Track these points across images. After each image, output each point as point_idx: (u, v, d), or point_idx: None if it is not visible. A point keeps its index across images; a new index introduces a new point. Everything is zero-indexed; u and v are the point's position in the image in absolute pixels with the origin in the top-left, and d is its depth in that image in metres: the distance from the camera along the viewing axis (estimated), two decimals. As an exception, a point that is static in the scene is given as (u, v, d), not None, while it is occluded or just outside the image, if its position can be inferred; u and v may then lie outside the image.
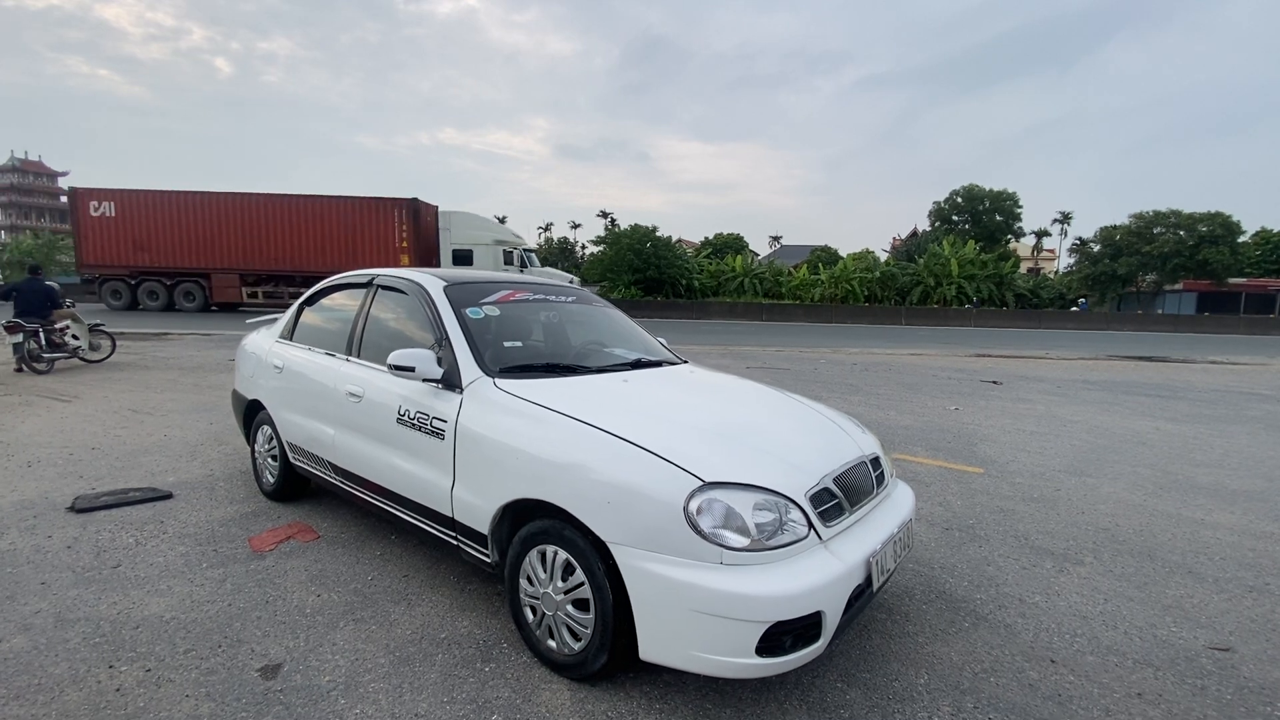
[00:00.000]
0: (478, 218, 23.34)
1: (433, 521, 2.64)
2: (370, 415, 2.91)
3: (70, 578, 2.85)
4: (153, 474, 4.35)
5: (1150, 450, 5.84)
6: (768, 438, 2.38)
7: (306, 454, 3.42)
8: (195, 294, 22.15)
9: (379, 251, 21.56)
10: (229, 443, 5.22)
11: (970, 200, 50.00)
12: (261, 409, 3.87)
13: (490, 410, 2.44)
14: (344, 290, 3.63)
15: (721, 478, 1.95)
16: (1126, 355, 16.22)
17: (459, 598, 2.78)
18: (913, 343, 18.53)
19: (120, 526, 3.44)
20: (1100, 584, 3.09)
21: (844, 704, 2.13)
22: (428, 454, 2.60)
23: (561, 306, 3.47)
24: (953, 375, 11.08)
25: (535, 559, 2.25)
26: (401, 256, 21.63)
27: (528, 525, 2.27)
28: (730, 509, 1.91)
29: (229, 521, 3.56)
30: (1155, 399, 9.00)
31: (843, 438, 2.58)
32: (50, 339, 8.53)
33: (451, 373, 2.62)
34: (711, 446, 2.15)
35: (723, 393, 2.96)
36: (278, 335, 3.89)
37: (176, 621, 2.52)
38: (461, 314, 2.86)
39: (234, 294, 22.13)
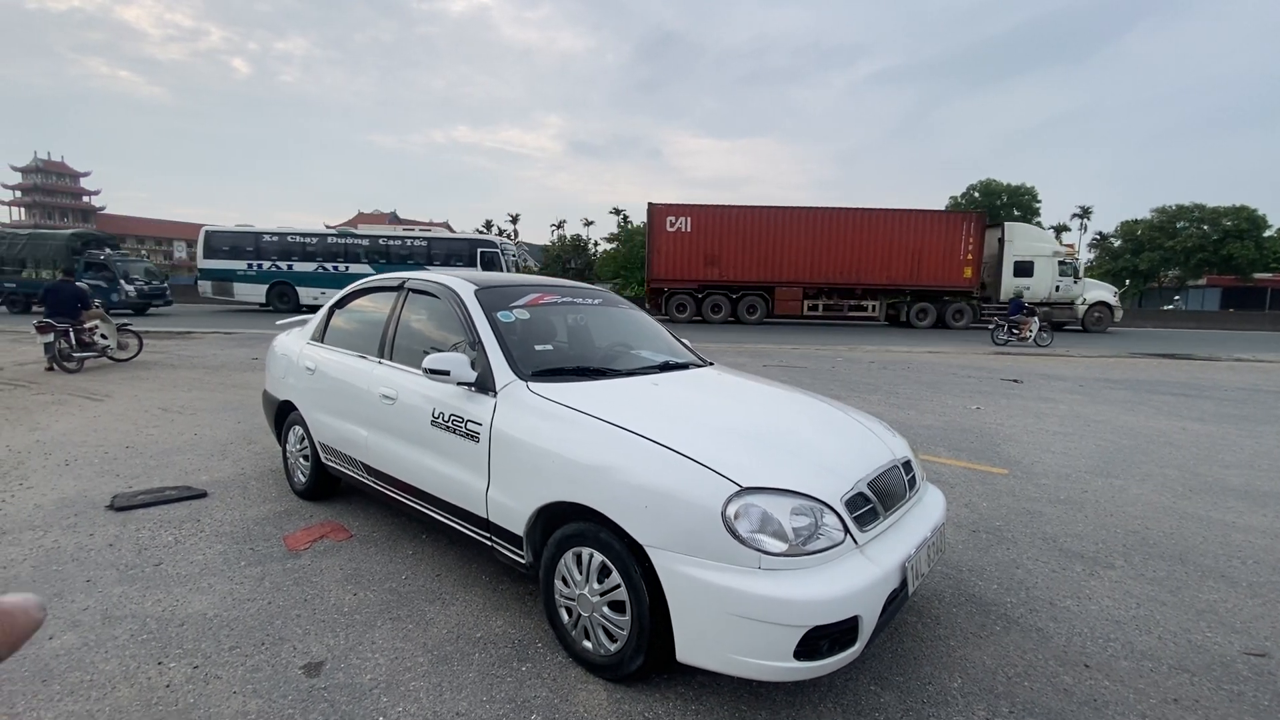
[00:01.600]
0: (1035, 230, 23.44)
1: (467, 522, 2.68)
2: (404, 417, 2.96)
3: (114, 575, 2.93)
4: (186, 473, 4.44)
5: (1178, 451, 5.77)
6: (800, 442, 2.40)
7: (339, 454, 3.48)
8: (758, 307, 22.38)
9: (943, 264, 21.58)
10: (258, 442, 5.31)
11: (988, 195, 49.48)
12: (293, 410, 3.93)
13: (524, 413, 2.47)
14: (374, 293, 3.68)
15: (758, 483, 1.97)
16: (1149, 353, 15.97)
17: (492, 597, 2.83)
18: (929, 340, 18.38)
19: (159, 525, 3.52)
20: (1132, 588, 3.07)
21: (878, 707, 2.14)
22: (462, 456, 2.64)
23: (587, 309, 3.50)
24: (972, 374, 10.99)
25: (570, 561, 2.28)
26: (965, 269, 21.66)
27: (563, 528, 2.30)
28: (767, 514, 1.92)
29: (263, 520, 3.63)
30: (1181, 398, 8.86)
31: (874, 441, 2.59)
32: (80, 338, 8.72)
33: (485, 376, 2.66)
34: (746, 451, 2.17)
35: (752, 395, 2.97)
36: (309, 337, 3.95)
37: (220, 619, 2.58)
38: (493, 317, 2.89)
39: (795, 307, 22.33)
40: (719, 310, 22.35)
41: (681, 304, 22.41)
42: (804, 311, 22.30)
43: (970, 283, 21.88)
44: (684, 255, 21.93)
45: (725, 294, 22.25)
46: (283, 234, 22.27)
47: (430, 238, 22.85)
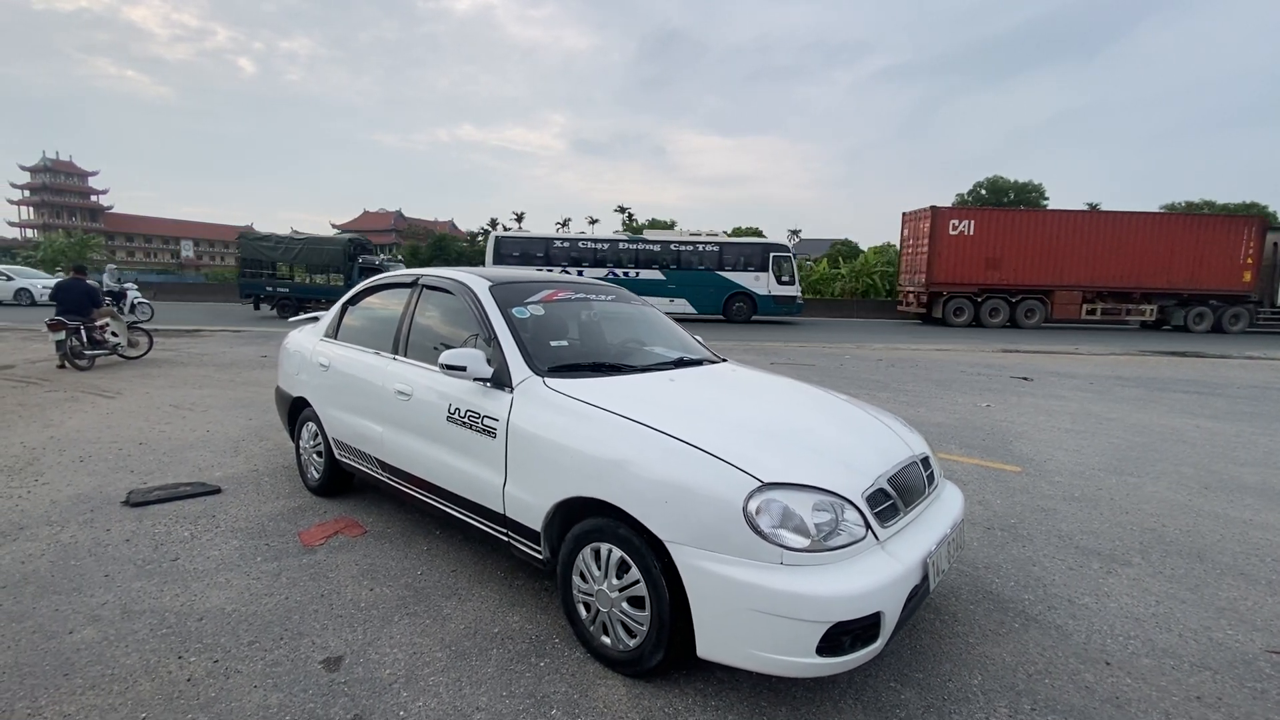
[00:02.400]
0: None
1: (483, 518, 2.68)
2: (420, 413, 2.96)
3: (132, 570, 2.95)
4: (200, 469, 4.46)
5: (1192, 449, 5.73)
6: (819, 438, 2.39)
7: (353, 450, 3.48)
8: (1036, 310, 22.30)
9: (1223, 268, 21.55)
10: (269, 438, 5.33)
11: (994, 192, 49.22)
12: (306, 406, 3.94)
13: (542, 409, 2.47)
14: (388, 290, 3.68)
15: (779, 478, 1.96)
16: (1159, 350, 15.85)
17: (507, 593, 2.83)
18: (937, 337, 18.30)
19: (175, 520, 3.54)
20: (1150, 585, 3.05)
21: (899, 704, 2.13)
22: (479, 452, 2.64)
23: (601, 305, 3.50)
24: (982, 371, 10.94)
25: (589, 556, 2.28)
26: (1244, 273, 21.58)
27: (581, 523, 2.30)
28: (789, 509, 1.92)
29: (277, 516, 3.64)
30: (1193, 395, 8.80)
31: (892, 438, 2.57)
32: (91, 336, 8.76)
33: (501, 372, 2.66)
34: (766, 447, 2.16)
35: (768, 392, 2.96)
36: (322, 334, 3.96)
37: (238, 614, 2.59)
38: (508, 314, 2.89)
39: (1073, 311, 22.27)
40: (997, 314, 22.31)
41: (959, 308, 22.39)
42: (1082, 315, 22.24)
43: (1248, 286, 21.72)
44: (964, 258, 21.99)
45: (1004, 297, 22.27)
46: (574, 239, 22.45)
47: (722, 242, 22.63)
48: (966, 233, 21.88)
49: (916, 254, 23.04)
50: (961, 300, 22.28)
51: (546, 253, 22.01)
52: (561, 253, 22.04)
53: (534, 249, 22.20)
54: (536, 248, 22.19)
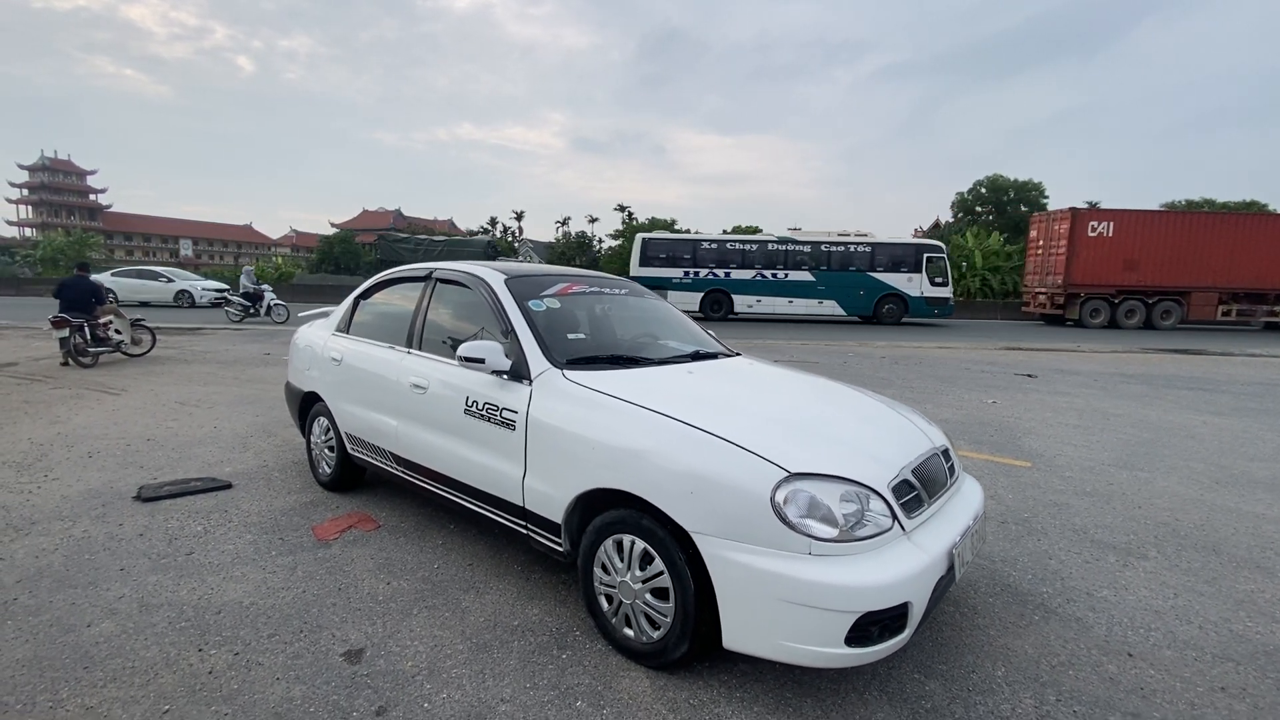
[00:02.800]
0: None
1: (503, 511, 2.67)
2: (436, 407, 2.95)
3: (147, 564, 2.93)
4: (209, 464, 4.44)
5: (1200, 444, 5.72)
6: (842, 429, 2.38)
7: (366, 445, 3.47)
8: (1173, 312, 22.17)
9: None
10: (277, 434, 5.32)
11: (994, 191, 49.14)
12: (318, 401, 3.93)
13: (562, 401, 2.46)
14: (401, 284, 3.67)
15: (806, 468, 1.95)
16: (1161, 348, 15.86)
17: (525, 586, 2.82)
18: (938, 335, 18.30)
19: (187, 515, 3.52)
20: (1168, 578, 3.04)
21: (924, 695, 2.13)
22: (498, 445, 2.63)
23: (615, 299, 3.49)
24: (985, 368, 10.93)
25: (611, 548, 2.27)
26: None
27: (603, 515, 2.29)
28: (817, 500, 1.91)
29: (290, 511, 3.63)
30: (1198, 392, 8.80)
31: (913, 430, 2.57)
32: (94, 333, 8.74)
33: (519, 365, 2.64)
34: (791, 438, 2.15)
35: (786, 385, 2.95)
36: (334, 329, 3.95)
37: (256, 607, 2.58)
38: (525, 306, 2.88)
39: (1209, 312, 22.09)
40: (1133, 315, 22.19)
41: (1096, 309, 22.25)
42: (1218, 316, 22.09)
43: None
44: (1102, 260, 21.85)
45: (1141, 299, 22.13)
46: (721, 241, 22.10)
47: (874, 242, 22.32)
48: (1105, 234, 21.68)
49: (1050, 255, 22.65)
50: (1098, 302, 22.08)
51: (694, 254, 21.67)
52: (709, 254, 21.67)
53: (680, 250, 21.88)
54: (683, 249, 21.89)
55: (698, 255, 21.72)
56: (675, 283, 21.49)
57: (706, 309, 21.58)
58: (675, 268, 21.66)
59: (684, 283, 21.56)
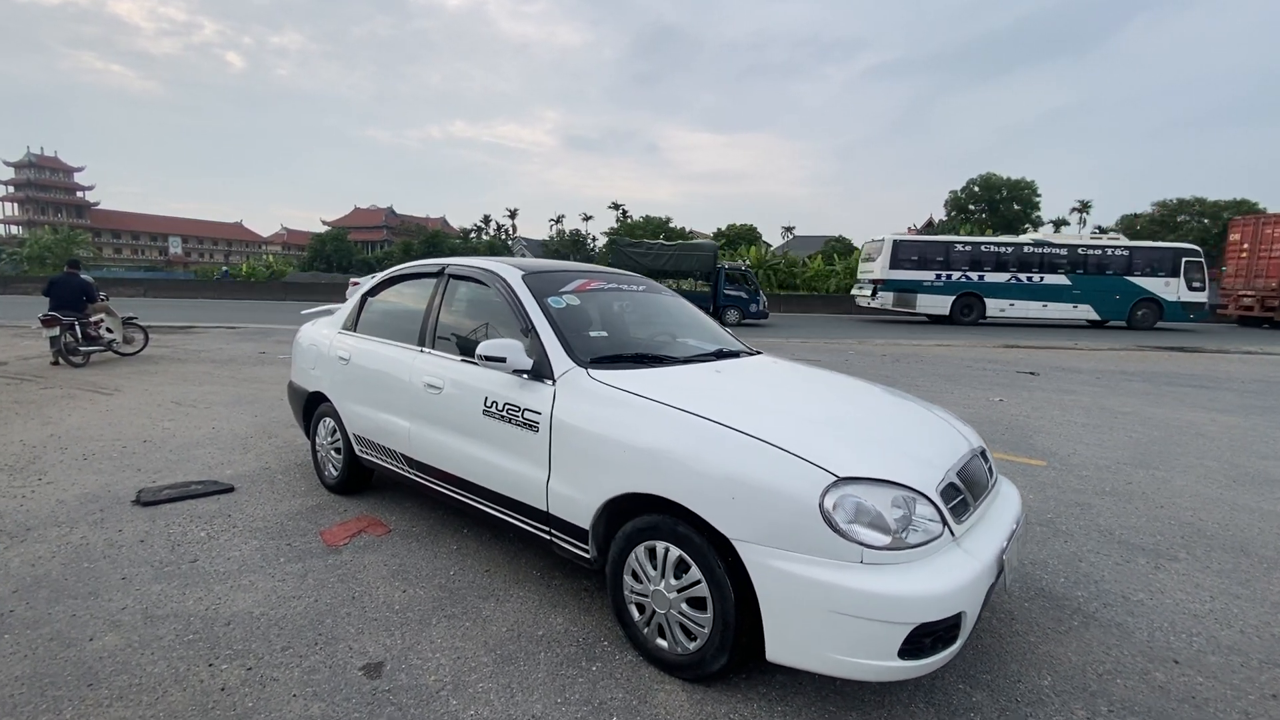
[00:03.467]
0: None
1: (524, 516, 2.57)
2: (452, 407, 2.84)
3: (150, 573, 2.81)
4: (209, 467, 4.31)
5: (1210, 442, 5.69)
6: (881, 430, 2.29)
7: (376, 447, 3.36)
8: None
9: None
10: (278, 435, 5.18)
11: (987, 189, 49.39)
12: (324, 401, 3.81)
13: (588, 402, 2.35)
14: (411, 280, 3.55)
15: (855, 473, 1.86)
16: (1158, 346, 15.92)
17: (547, 593, 2.72)
18: (936, 333, 18.32)
19: (189, 520, 3.40)
20: (1202, 580, 2.98)
21: (971, 706, 2.04)
22: (519, 447, 2.53)
23: (633, 295, 3.39)
24: (986, 366, 10.91)
25: (642, 555, 2.17)
26: None
27: (633, 520, 2.19)
28: (868, 506, 1.82)
29: (296, 515, 3.51)
30: (1200, 390, 8.80)
31: (951, 430, 2.48)
32: (86, 332, 8.55)
33: (541, 363, 2.54)
34: (834, 440, 2.06)
35: (816, 384, 2.86)
36: (340, 326, 3.82)
37: (267, 618, 2.46)
38: (544, 303, 2.78)
39: None
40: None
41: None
42: None
43: None
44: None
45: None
46: (975, 243, 21.39)
47: (1131, 246, 21.62)
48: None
49: (1258, 259, 22.12)
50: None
51: (946, 256, 21.03)
52: (962, 256, 21.05)
53: (932, 252, 21.19)
54: (935, 251, 21.21)
55: (950, 257, 21.02)
56: (926, 286, 20.87)
57: (957, 313, 20.98)
58: (926, 270, 20.95)
59: (935, 286, 20.89)
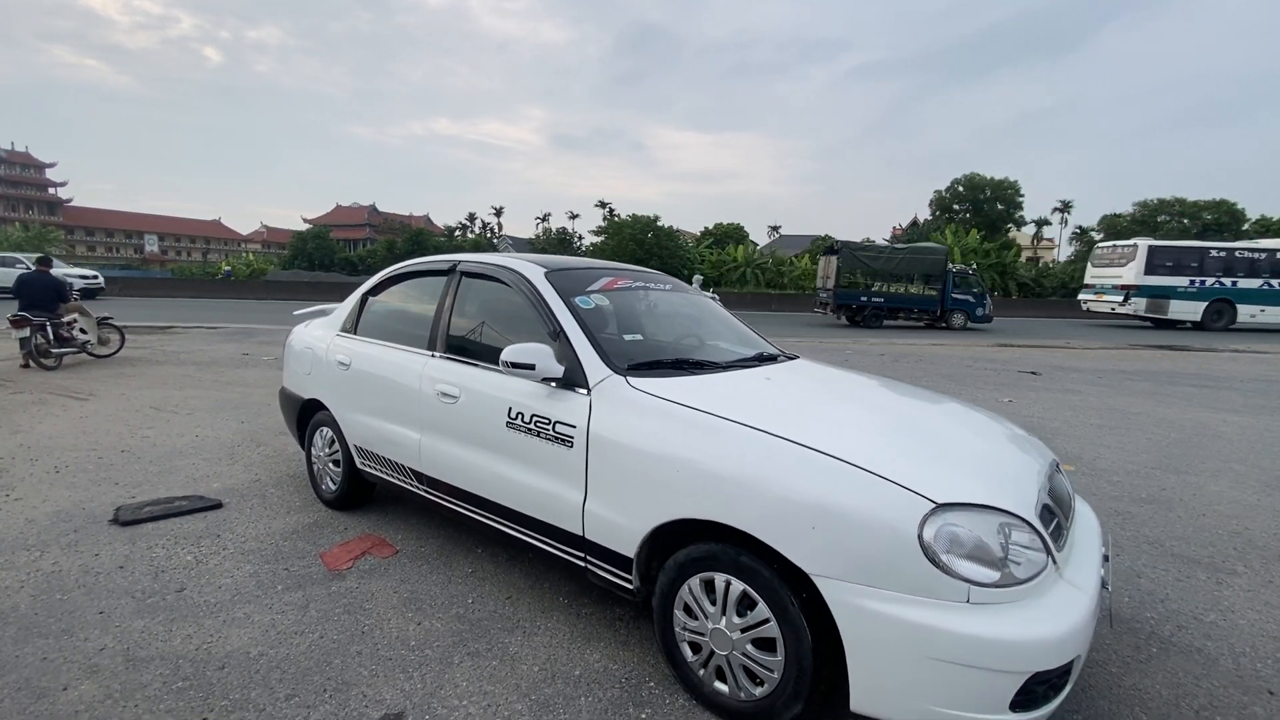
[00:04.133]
0: None
1: (554, 540, 2.31)
2: (469, 418, 2.58)
3: (131, 605, 2.51)
4: (194, 479, 4.00)
5: (1230, 444, 5.57)
6: (961, 446, 2.07)
7: (381, 460, 3.08)
8: None
9: None
10: (266, 443, 4.87)
11: (971, 189, 49.67)
12: (320, 409, 3.52)
13: (632, 414, 2.11)
14: (417, 279, 3.28)
15: (954, 498, 1.64)
16: (1149, 345, 15.99)
17: (577, 624, 2.46)
18: (927, 333, 18.29)
19: (174, 542, 3.09)
20: (1269, 597, 2.80)
21: (1069, 755, 1.83)
22: (549, 464, 2.27)
23: (661, 294, 3.14)
24: (986, 366, 10.81)
25: (697, 588, 1.93)
26: None
27: (687, 549, 1.95)
28: (972, 536, 1.59)
29: (292, 534, 3.22)
30: (1202, 389, 8.75)
31: (1025, 441, 2.28)
32: (58, 333, 8.11)
33: (573, 371, 2.29)
34: (921, 460, 1.83)
35: (876, 393, 2.63)
36: (338, 328, 3.53)
37: (266, 659, 2.19)
38: (572, 304, 2.52)
39: None
40: None
41: None
42: None
43: None
44: None
45: None
46: (1230, 249, 20.96)
47: None
48: None
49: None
50: None
51: (1200, 262, 20.68)
52: (1216, 262, 20.68)
53: (1186, 258, 20.79)
54: (1189, 257, 20.81)
55: (1204, 263, 20.73)
56: (1180, 292, 20.57)
57: (1208, 319, 20.67)
58: (1180, 276, 20.64)
59: (1189, 291, 20.56)
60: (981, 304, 19.83)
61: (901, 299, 19.61)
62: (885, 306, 19.57)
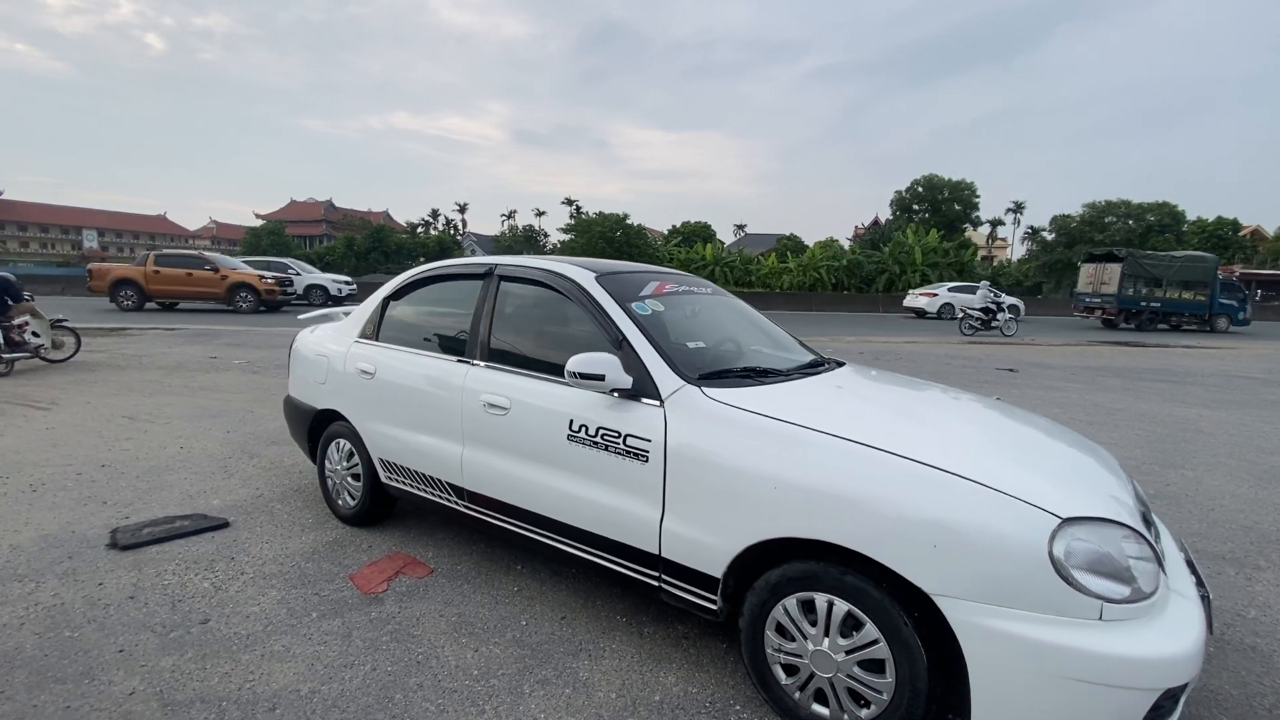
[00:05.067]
0: None
1: (623, 559, 2.21)
2: (523, 431, 2.45)
3: (153, 641, 2.30)
4: (190, 496, 3.73)
5: (1214, 439, 5.80)
6: (1055, 457, 2.05)
7: (413, 475, 2.91)
8: None
9: None
10: (260, 454, 4.60)
11: (930, 189, 51.10)
12: (336, 419, 3.32)
13: (714, 427, 2.02)
14: (447, 283, 3.11)
15: (1078, 512, 1.60)
16: (1105, 341, 16.68)
17: (642, 644, 2.36)
18: (899, 330, 18.70)
19: (184, 567, 2.87)
20: (1299, 592, 2.89)
21: (1169, 765, 1.82)
22: (619, 479, 2.17)
23: (704, 298, 3.05)
24: (963, 363, 11.08)
25: (794, 609, 1.85)
26: None
27: (781, 568, 1.88)
28: (1101, 552, 1.56)
29: (313, 554, 3.02)
30: (1170, 385, 9.13)
31: (1098, 449, 2.27)
32: (9, 337, 7.55)
33: (643, 381, 2.19)
34: (1027, 472, 1.79)
35: (952, 401, 2.58)
36: (357, 334, 3.33)
37: (320, 697, 2.02)
38: (630, 310, 2.42)
39: None
40: None
41: None
42: None
43: None
44: None
45: None
46: None
47: None
48: None
49: None
50: None
51: None
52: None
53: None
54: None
55: None
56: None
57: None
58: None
59: None
60: (1243, 308, 20.92)
61: (1176, 304, 20.41)
62: (1161, 311, 20.39)
